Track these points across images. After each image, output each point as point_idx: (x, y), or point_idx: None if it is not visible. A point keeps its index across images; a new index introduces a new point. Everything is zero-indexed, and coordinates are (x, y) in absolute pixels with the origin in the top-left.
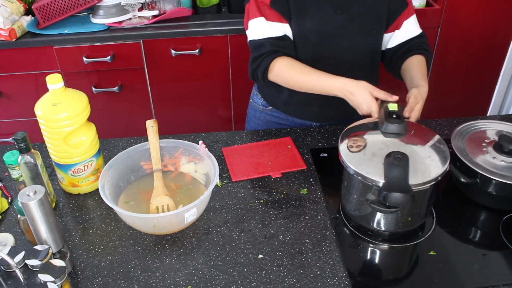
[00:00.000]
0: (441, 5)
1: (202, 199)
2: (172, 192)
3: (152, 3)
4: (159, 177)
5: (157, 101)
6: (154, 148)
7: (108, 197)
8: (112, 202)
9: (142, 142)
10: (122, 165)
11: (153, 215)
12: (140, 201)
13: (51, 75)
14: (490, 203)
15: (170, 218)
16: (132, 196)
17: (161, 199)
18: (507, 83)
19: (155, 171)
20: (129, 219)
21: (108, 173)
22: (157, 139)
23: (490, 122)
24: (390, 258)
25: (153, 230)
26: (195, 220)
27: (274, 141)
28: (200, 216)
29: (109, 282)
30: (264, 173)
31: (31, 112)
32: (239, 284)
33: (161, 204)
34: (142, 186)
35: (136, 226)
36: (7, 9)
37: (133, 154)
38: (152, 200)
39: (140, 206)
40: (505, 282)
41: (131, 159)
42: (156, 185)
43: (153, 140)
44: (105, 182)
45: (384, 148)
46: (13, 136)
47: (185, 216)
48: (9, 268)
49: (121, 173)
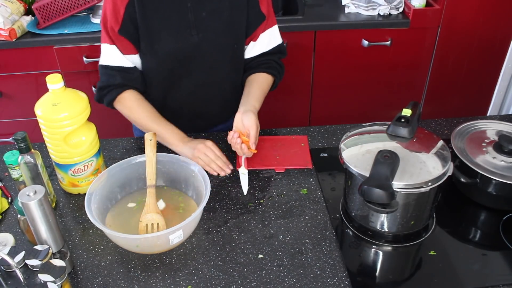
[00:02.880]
0: (441, 5)
1: (189, 221)
2: (164, 210)
3: None
4: (152, 193)
5: None
6: (150, 163)
7: (93, 210)
8: (96, 218)
9: (141, 142)
10: (114, 178)
11: (135, 236)
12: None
13: (51, 75)
14: (490, 203)
15: (153, 240)
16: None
17: (151, 216)
18: (507, 83)
19: (149, 186)
20: (112, 237)
21: (101, 180)
22: (155, 153)
23: (490, 122)
24: (390, 258)
25: (137, 250)
26: (182, 241)
27: (289, 137)
28: (200, 216)
29: (109, 282)
30: (268, 166)
31: (31, 112)
32: (239, 284)
33: (151, 223)
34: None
35: (120, 244)
36: (7, 9)
37: (126, 167)
38: (142, 218)
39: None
40: (505, 282)
41: (124, 172)
42: (147, 202)
43: (149, 154)
44: (97, 190)
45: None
46: (13, 136)
47: (170, 238)
48: (9, 268)
49: (112, 186)
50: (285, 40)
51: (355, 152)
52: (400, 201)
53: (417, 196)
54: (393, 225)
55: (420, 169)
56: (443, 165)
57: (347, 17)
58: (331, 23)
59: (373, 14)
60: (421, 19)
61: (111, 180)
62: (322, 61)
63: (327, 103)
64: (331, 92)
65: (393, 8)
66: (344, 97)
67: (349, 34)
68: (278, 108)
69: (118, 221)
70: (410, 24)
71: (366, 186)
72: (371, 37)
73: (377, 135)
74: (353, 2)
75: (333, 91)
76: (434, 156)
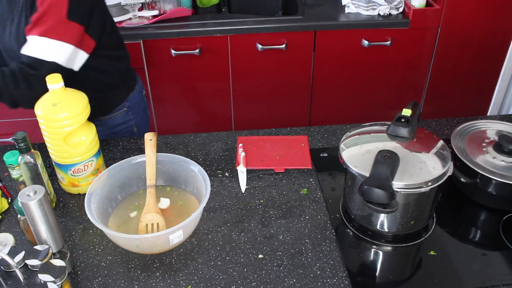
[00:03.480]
0: (441, 5)
1: (189, 221)
2: (164, 210)
3: (152, 3)
4: (152, 193)
5: (157, 101)
6: (150, 163)
7: (93, 210)
8: (96, 218)
9: (141, 142)
10: (113, 178)
11: (135, 236)
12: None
13: (51, 75)
14: (490, 203)
15: (153, 240)
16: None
17: (151, 216)
18: (507, 83)
19: (149, 186)
20: (112, 238)
21: (101, 180)
22: (154, 153)
23: (490, 122)
24: (390, 258)
25: (137, 250)
26: (182, 241)
27: (290, 137)
28: (200, 216)
29: (109, 282)
30: (268, 166)
31: (31, 112)
32: (239, 284)
33: (151, 223)
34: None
35: (120, 244)
36: None
37: (126, 167)
38: (142, 218)
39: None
40: (505, 282)
41: (124, 172)
42: (147, 202)
43: (149, 154)
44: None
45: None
46: (13, 136)
47: (170, 238)
48: (9, 268)
49: (112, 186)
50: (285, 40)
51: (355, 152)
52: (400, 201)
53: (417, 196)
54: (393, 225)
55: (420, 169)
56: (443, 165)
57: (347, 17)
58: (331, 23)
59: (373, 14)
60: (421, 19)
61: (111, 180)
62: (322, 61)
63: (327, 103)
64: (331, 92)
65: (393, 8)
66: (344, 97)
67: (349, 34)
68: (278, 108)
69: (119, 221)
70: (410, 24)
71: (366, 186)
72: (371, 37)
73: (377, 135)
74: (353, 2)
75: (333, 91)
76: (434, 156)
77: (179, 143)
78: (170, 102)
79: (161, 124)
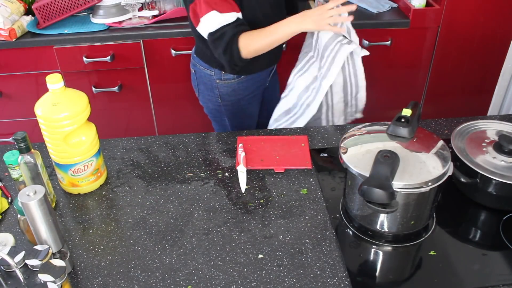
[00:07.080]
0: (441, 5)
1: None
2: None
3: (152, 3)
4: None
5: (157, 101)
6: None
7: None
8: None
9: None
10: None
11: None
12: None
13: (51, 75)
14: (490, 203)
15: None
16: None
17: None
18: (507, 83)
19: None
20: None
21: None
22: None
23: (490, 122)
24: (390, 258)
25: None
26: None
27: (290, 137)
28: (200, 216)
29: (109, 282)
30: (268, 166)
31: (31, 112)
32: (239, 284)
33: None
34: None
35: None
36: (7, 9)
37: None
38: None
39: None
40: (505, 282)
41: None
42: None
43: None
44: None
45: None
46: (13, 136)
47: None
48: (9, 268)
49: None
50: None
51: (355, 152)
52: (400, 201)
53: (417, 196)
54: (393, 225)
55: (420, 169)
56: (443, 165)
57: None
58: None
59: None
60: (421, 19)
61: None
62: None
63: None
64: None
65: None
66: None
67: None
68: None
69: None
70: (410, 24)
71: (366, 186)
72: (371, 37)
73: (377, 135)
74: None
75: None
76: (434, 156)
77: (179, 143)
78: (170, 102)
79: (161, 124)
